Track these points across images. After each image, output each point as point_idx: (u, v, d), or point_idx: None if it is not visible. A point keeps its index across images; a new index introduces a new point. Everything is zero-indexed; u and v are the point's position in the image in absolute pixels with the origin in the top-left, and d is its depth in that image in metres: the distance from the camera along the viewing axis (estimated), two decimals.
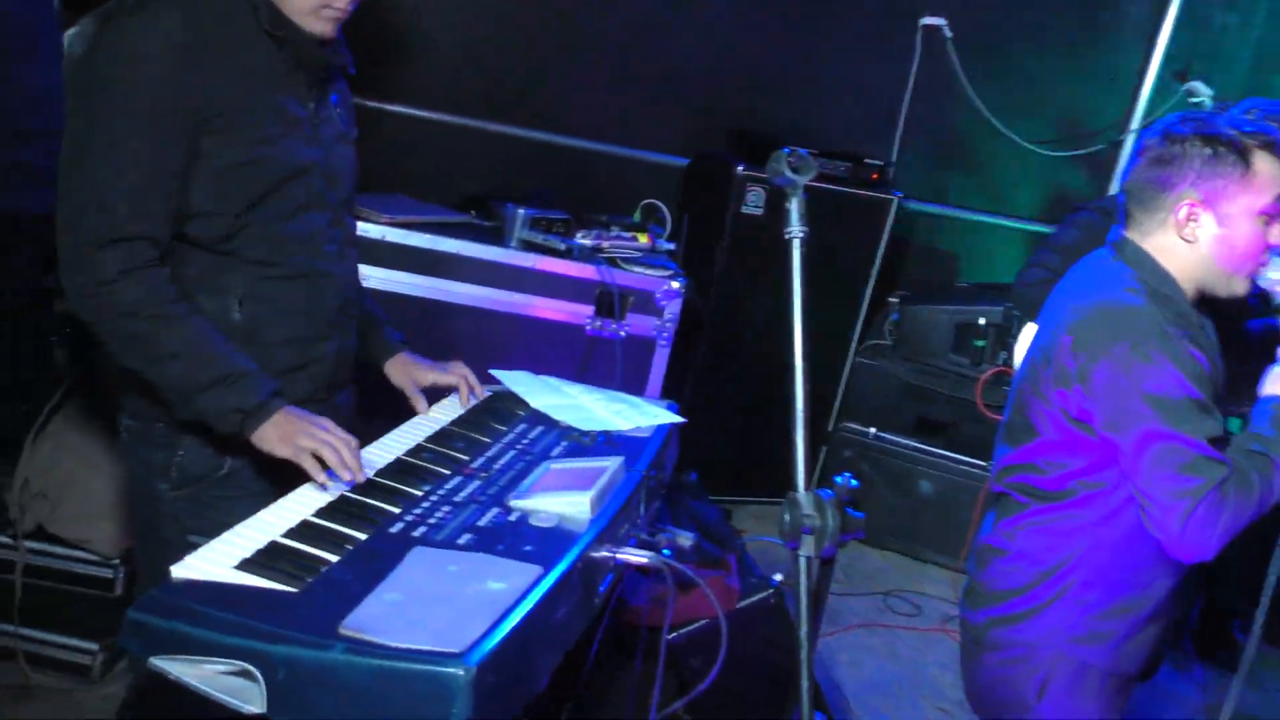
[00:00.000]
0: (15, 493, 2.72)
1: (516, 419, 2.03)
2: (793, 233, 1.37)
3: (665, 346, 3.05)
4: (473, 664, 1.12)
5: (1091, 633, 1.82)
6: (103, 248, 1.58)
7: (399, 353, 2.11)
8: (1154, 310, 1.71)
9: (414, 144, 3.92)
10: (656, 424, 2.06)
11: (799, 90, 4.42)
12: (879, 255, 4.20)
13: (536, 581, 1.34)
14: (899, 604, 3.80)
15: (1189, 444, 1.61)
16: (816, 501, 1.29)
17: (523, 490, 1.63)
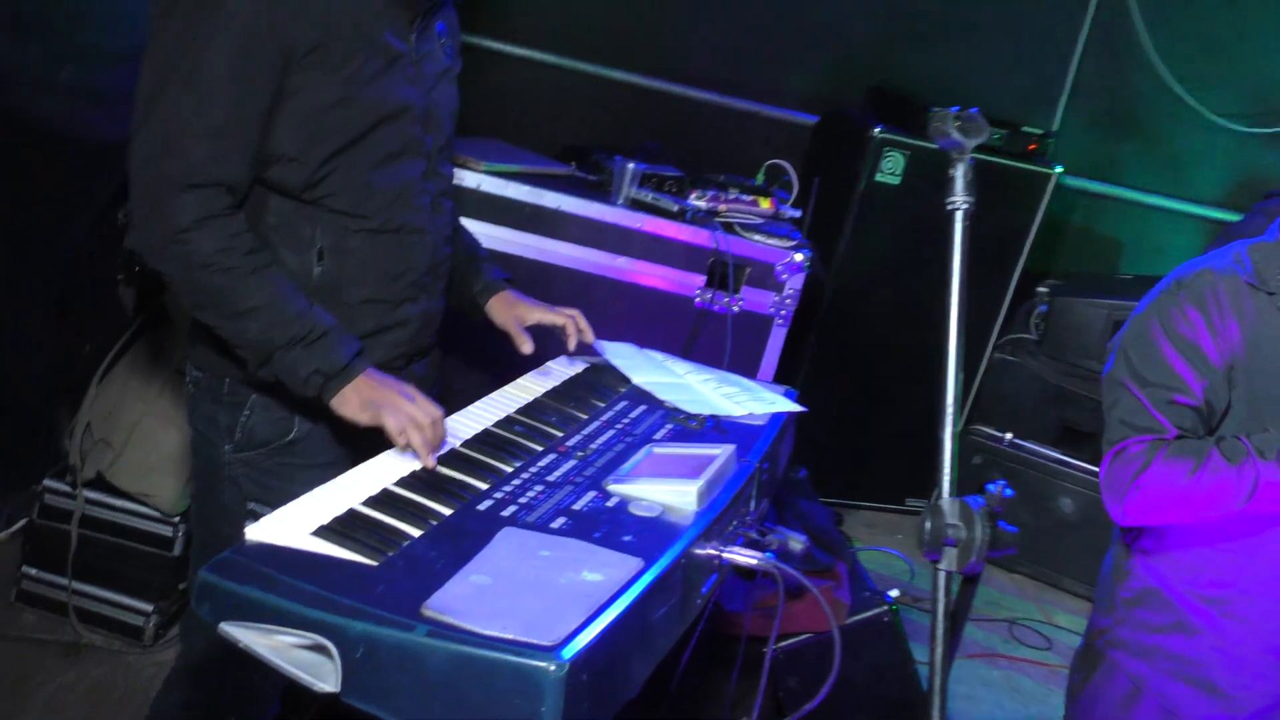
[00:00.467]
0: (76, 437, 2.85)
1: (617, 395, 2.04)
2: (956, 204, 1.34)
3: (782, 326, 3.02)
4: (566, 660, 1.13)
5: (1142, 646, 1.87)
6: (177, 194, 1.60)
7: (503, 290, 2.12)
8: (1195, 271, 1.76)
9: (512, 86, 3.95)
10: (772, 411, 2.04)
11: (949, 45, 4.32)
12: (1030, 238, 4.10)
13: (637, 576, 1.34)
14: (1026, 635, 3.73)
15: (1138, 395, 1.71)
16: (964, 510, 1.26)
17: (623, 474, 1.64)
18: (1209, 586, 1.79)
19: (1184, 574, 1.81)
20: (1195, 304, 1.71)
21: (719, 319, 2.97)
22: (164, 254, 1.63)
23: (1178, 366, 1.71)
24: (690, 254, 2.95)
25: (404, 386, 1.70)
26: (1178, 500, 1.67)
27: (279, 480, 1.81)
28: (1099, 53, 4.37)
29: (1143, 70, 4.32)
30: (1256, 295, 1.71)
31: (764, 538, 1.78)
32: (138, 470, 2.79)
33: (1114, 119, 4.51)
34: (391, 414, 1.63)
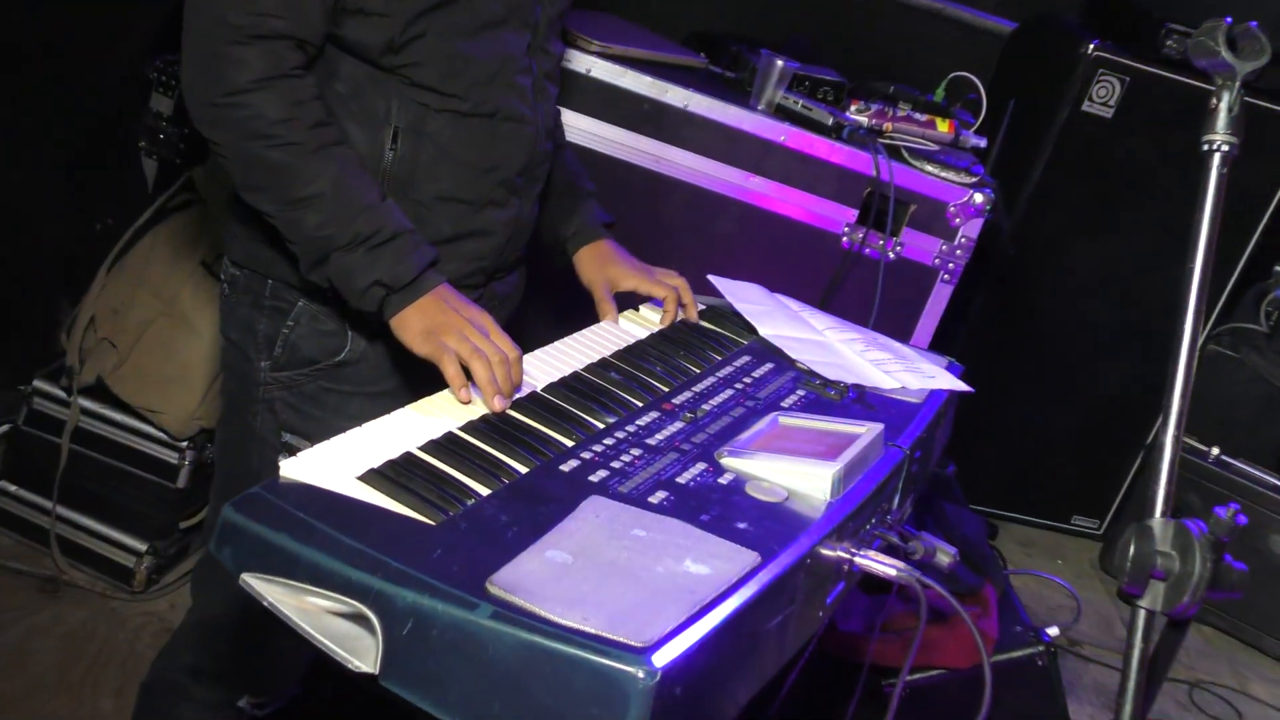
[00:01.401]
0: (77, 334, 2.92)
1: (738, 348, 2.03)
2: (1216, 142, 1.28)
3: (949, 283, 2.97)
4: (658, 668, 1.12)
5: None
6: (239, 43, 1.62)
7: (600, 239, 2.13)
8: None
9: None
10: (932, 388, 2.01)
11: None
12: (1275, 201, 3.98)
13: (752, 574, 1.33)
14: (1210, 702, 3.67)
15: None
16: (1181, 536, 1.22)
17: (741, 446, 1.63)
18: None
19: None
20: None
21: (870, 265, 2.94)
22: (217, 117, 1.66)
23: None
24: (843, 180, 2.91)
25: (480, 313, 1.70)
26: None
27: (322, 409, 1.84)
28: None
29: None
30: None
31: (907, 544, 1.77)
32: (146, 380, 2.86)
33: None
34: (452, 344, 1.63)
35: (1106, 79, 3.78)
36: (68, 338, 2.96)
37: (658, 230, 2.19)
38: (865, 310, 2.82)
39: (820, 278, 2.94)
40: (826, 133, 2.90)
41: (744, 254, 2.90)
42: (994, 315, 4.00)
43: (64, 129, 3.10)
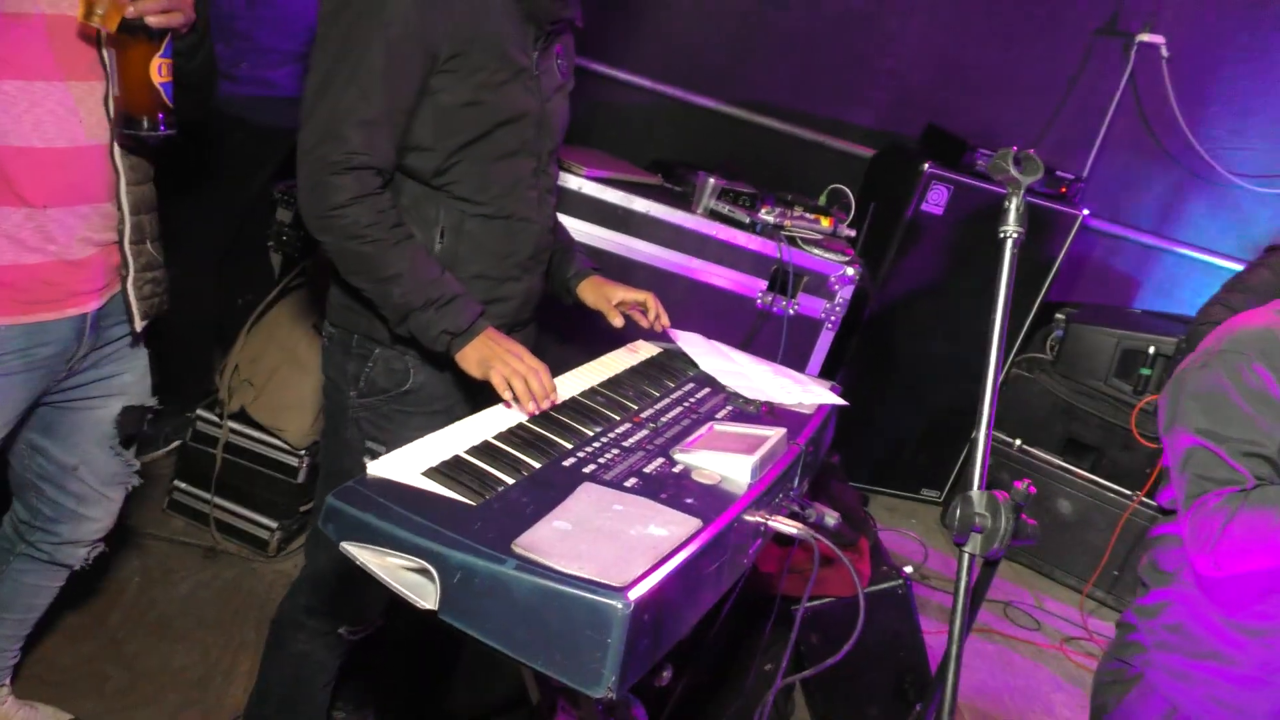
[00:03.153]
0: (226, 376, 2.91)
1: (685, 378, 2.02)
2: (1008, 232, 1.30)
3: (831, 330, 2.97)
4: (632, 601, 1.13)
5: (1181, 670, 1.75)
6: (337, 174, 1.62)
7: (593, 274, 2.12)
8: (1253, 329, 1.62)
9: (611, 105, 3.95)
10: (819, 403, 2.01)
11: (997, 94, 4.23)
12: (1054, 269, 4.01)
13: (695, 534, 1.33)
14: (1019, 616, 3.66)
15: (1214, 449, 1.58)
16: (990, 502, 1.23)
17: (688, 445, 1.62)
18: (1249, 618, 1.69)
19: (1225, 606, 1.71)
20: (1262, 360, 1.60)
21: (777, 320, 2.94)
22: (325, 226, 1.66)
23: (1255, 420, 1.59)
24: (756, 261, 2.92)
25: (516, 346, 1.70)
26: (1265, 545, 1.55)
27: (394, 424, 1.83)
28: (1130, 111, 4.24)
29: (1168, 129, 4.19)
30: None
31: (803, 511, 1.76)
32: (274, 408, 2.85)
33: (1138, 171, 4.38)
34: (499, 369, 1.64)
35: (937, 187, 3.80)
36: (220, 379, 2.94)
37: None
38: (775, 350, 2.82)
39: (743, 329, 2.94)
40: (745, 228, 2.90)
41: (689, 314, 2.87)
42: (868, 349, 4.00)
43: (218, 233, 3.10)
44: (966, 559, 1.23)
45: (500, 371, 1.64)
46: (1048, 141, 4.25)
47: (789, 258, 2.87)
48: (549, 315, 2.15)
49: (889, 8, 4.08)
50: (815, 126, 4.18)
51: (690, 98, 4.07)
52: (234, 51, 2.78)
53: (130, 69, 1.58)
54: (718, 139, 4.08)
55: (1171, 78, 4.12)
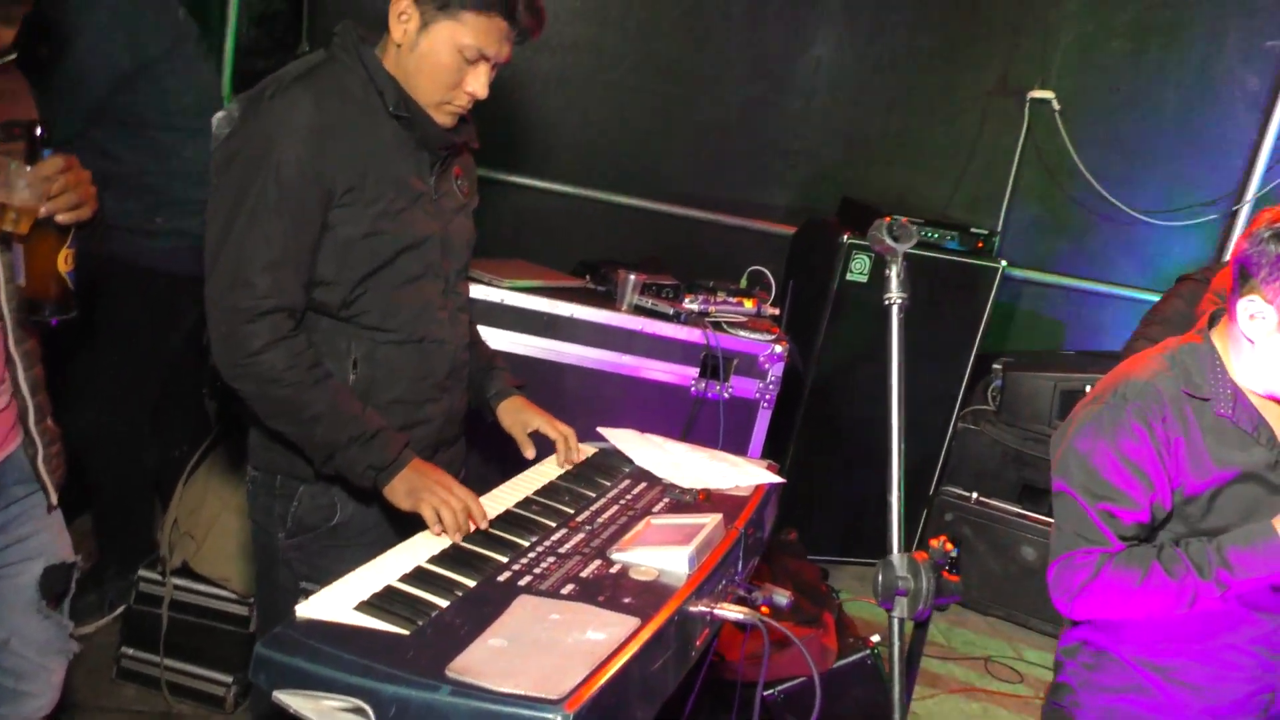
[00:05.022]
0: (165, 532, 2.86)
1: (621, 475, 2.04)
2: (892, 299, 1.36)
3: (767, 408, 3.02)
4: (570, 712, 1.13)
5: (1103, 708, 1.76)
6: (249, 321, 1.65)
7: (514, 395, 2.12)
8: (1138, 382, 1.63)
9: (534, 212, 4.04)
10: (756, 483, 2.04)
11: (907, 161, 4.40)
12: (983, 322, 4.09)
13: (634, 633, 1.33)
14: (1000, 670, 3.64)
15: (1085, 507, 1.60)
16: (911, 564, 1.26)
17: (624, 544, 1.63)
18: (1157, 655, 1.71)
19: (1133, 645, 1.73)
20: (1141, 421, 1.60)
21: (713, 405, 2.98)
22: (241, 374, 1.67)
23: (1124, 484, 1.60)
24: (686, 350, 2.97)
25: (443, 475, 1.71)
26: (1122, 607, 1.59)
27: (327, 560, 1.81)
28: (1033, 164, 4.43)
29: (1071, 176, 4.38)
30: (1193, 402, 1.62)
31: (751, 594, 1.77)
32: (217, 558, 2.80)
33: (1049, 218, 4.55)
34: (428, 500, 1.65)
35: (859, 256, 3.89)
36: (161, 535, 2.90)
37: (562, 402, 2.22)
38: (714, 436, 2.85)
39: (680, 418, 2.97)
40: (670, 319, 2.96)
41: (624, 410, 2.93)
42: (814, 421, 4.01)
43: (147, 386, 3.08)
44: (896, 623, 1.25)
45: (429, 503, 1.64)
46: (959, 201, 4.41)
47: (716, 343, 2.92)
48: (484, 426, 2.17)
49: (791, 91, 4.26)
50: (735, 211, 4.30)
51: (612, 198, 4.19)
52: (148, 206, 2.82)
53: (38, 262, 1.61)
54: (643, 234, 4.17)
55: (1066, 128, 4.32)
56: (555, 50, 3.97)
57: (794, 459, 3.93)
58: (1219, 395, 1.61)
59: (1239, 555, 1.48)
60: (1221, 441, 1.60)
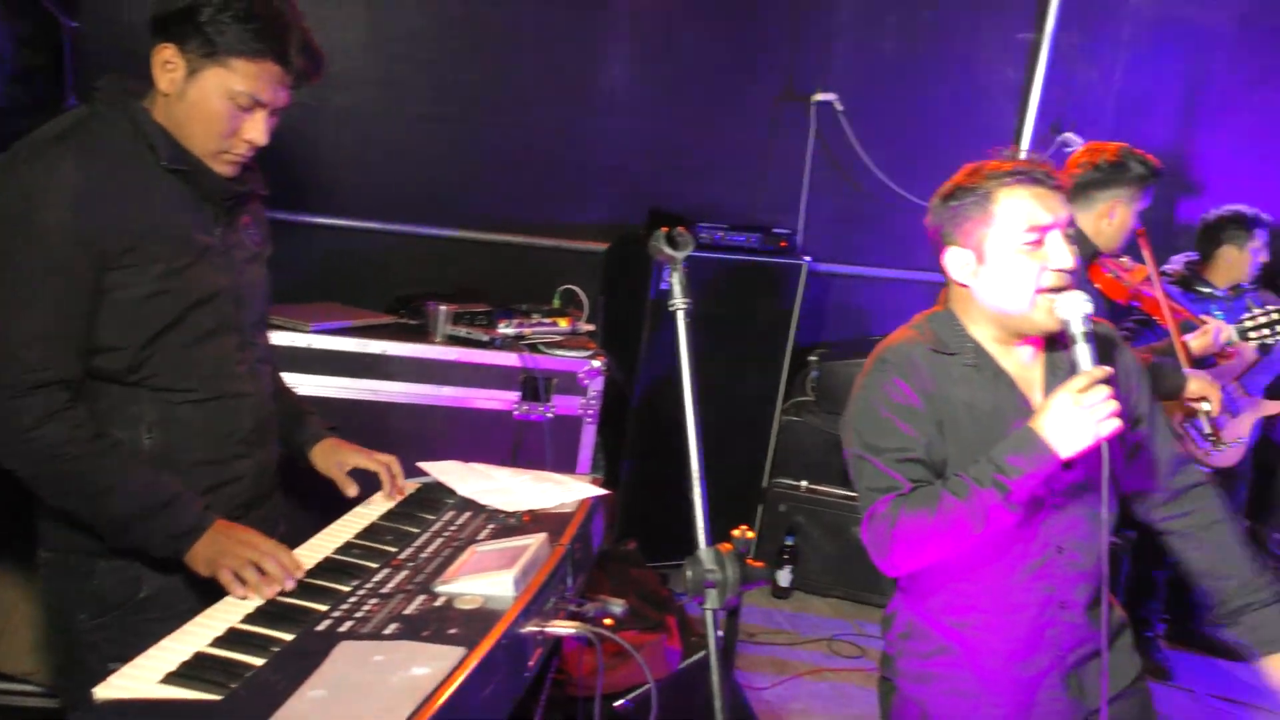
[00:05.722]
0: None
1: (445, 507, 2.03)
2: (676, 305, 1.42)
3: (591, 423, 3.06)
4: None
5: (921, 672, 1.86)
6: (19, 396, 1.55)
7: (325, 439, 2.08)
8: (891, 346, 1.81)
9: (341, 253, 3.94)
10: (580, 498, 2.07)
11: (709, 170, 4.55)
12: (794, 317, 4.28)
13: (461, 663, 1.33)
14: (845, 648, 3.80)
15: (873, 461, 1.73)
16: (717, 556, 1.31)
17: (448, 575, 1.63)
18: (954, 613, 1.83)
19: (935, 607, 1.85)
20: (900, 375, 1.75)
21: (538, 426, 3.00)
22: (17, 453, 1.58)
23: (901, 429, 1.72)
24: (505, 375, 2.98)
25: (248, 534, 1.65)
26: (928, 541, 1.67)
27: (138, 637, 1.67)
28: (824, 163, 4.66)
29: (861, 172, 4.64)
30: (941, 358, 1.78)
31: (583, 608, 1.80)
32: (20, 652, 2.61)
33: (846, 213, 4.79)
34: (226, 565, 1.59)
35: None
36: None
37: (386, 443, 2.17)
38: (543, 457, 2.87)
39: (508, 444, 2.98)
40: (485, 346, 2.97)
41: (449, 442, 2.91)
42: (645, 431, 4.03)
43: None
44: (710, 615, 1.29)
45: (227, 567, 1.58)
46: (761, 204, 4.59)
47: (534, 364, 2.94)
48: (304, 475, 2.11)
49: (591, 109, 4.33)
50: (547, 232, 4.32)
51: (420, 230, 4.13)
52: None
53: None
54: (455, 264, 4.13)
55: (850, 127, 4.58)
56: (348, 86, 3.90)
57: (629, 471, 3.99)
58: (963, 350, 1.80)
59: (1010, 458, 1.62)
60: (971, 390, 1.78)
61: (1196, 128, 5.07)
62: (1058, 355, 1.83)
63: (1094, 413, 1.57)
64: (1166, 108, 5.05)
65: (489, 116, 4.19)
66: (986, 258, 1.75)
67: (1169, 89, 5.03)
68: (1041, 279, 1.71)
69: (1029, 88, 4.83)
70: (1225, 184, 5.02)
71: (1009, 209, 1.73)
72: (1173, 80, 5.02)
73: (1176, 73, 5.01)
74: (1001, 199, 1.74)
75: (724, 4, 4.44)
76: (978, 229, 1.76)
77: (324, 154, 3.92)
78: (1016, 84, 4.85)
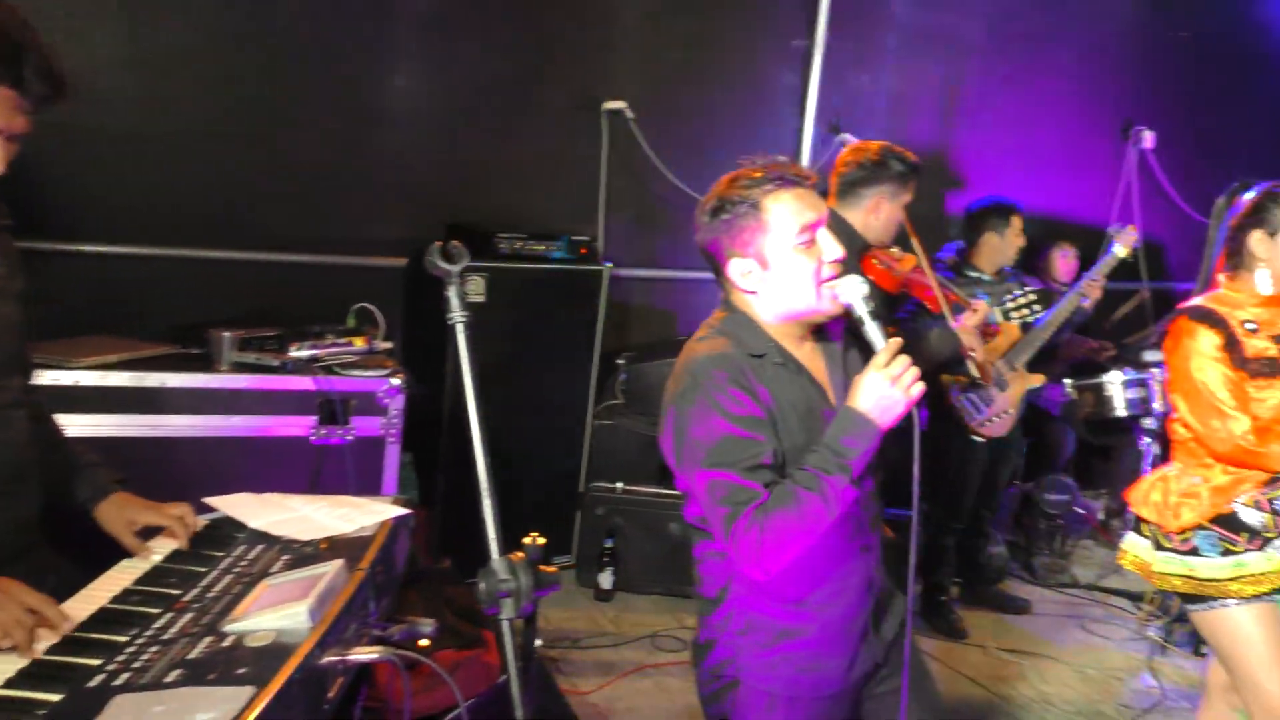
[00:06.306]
0: None
1: (235, 542, 1.93)
2: (454, 319, 1.41)
3: (395, 443, 3.01)
4: None
5: (762, 663, 1.91)
6: None
7: (113, 494, 1.94)
8: (712, 356, 1.82)
9: (113, 282, 3.69)
10: (381, 520, 2.02)
11: (507, 180, 4.54)
12: (599, 323, 4.33)
13: (250, 703, 1.28)
14: (668, 643, 3.87)
15: (728, 476, 1.74)
16: (509, 565, 1.32)
17: (237, 613, 1.56)
18: (793, 594, 1.89)
19: (772, 593, 1.89)
20: (732, 384, 1.77)
21: (338, 450, 2.91)
22: None
23: (748, 438, 1.75)
24: (299, 399, 2.88)
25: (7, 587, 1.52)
26: (794, 539, 1.71)
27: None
28: (620, 170, 4.75)
29: (655, 176, 4.75)
30: (753, 360, 1.83)
31: (387, 631, 1.76)
32: None
33: (644, 218, 4.90)
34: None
35: (473, 277, 3.97)
36: None
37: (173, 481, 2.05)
38: (345, 481, 2.79)
39: (307, 471, 2.88)
40: (277, 371, 2.86)
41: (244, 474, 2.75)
42: (457, 445, 3.92)
43: None
44: (507, 625, 1.30)
45: None
46: (560, 212, 4.63)
47: (330, 387, 2.86)
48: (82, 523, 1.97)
49: (382, 123, 4.24)
50: (342, 250, 4.20)
51: (202, 254, 3.92)
52: None
53: None
54: (243, 288, 3.93)
55: (642, 134, 4.68)
56: (113, 105, 3.66)
57: (444, 487, 3.93)
58: (769, 350, 1.86)
59: (844, 440, 1.72)
60: (785, 386, 1.85)
61: (957, 126, 5.49)
62: (829, 345, 1.96)
63: (902, 382, 1.71)
64: (931, 108, 5.44)
65: (274, 132, 4.03)
66: (769, 263, 1.83)
67: (932, 91, 5.42)
68: (821, 272, 1.82)
69: (806, 92, 5.09)
70: (984, 176, 5.46)
71: (780, 213, 1.82)
72: (935, 83, 5.42)
73: (938, 76, 5.41)
74: (770, 205, 1.83)
75: (509, 14, 4.45)
76: (755, 237, 1.83)
77: (87, 178, 3.66)
78: (795, 88, 5.10)
